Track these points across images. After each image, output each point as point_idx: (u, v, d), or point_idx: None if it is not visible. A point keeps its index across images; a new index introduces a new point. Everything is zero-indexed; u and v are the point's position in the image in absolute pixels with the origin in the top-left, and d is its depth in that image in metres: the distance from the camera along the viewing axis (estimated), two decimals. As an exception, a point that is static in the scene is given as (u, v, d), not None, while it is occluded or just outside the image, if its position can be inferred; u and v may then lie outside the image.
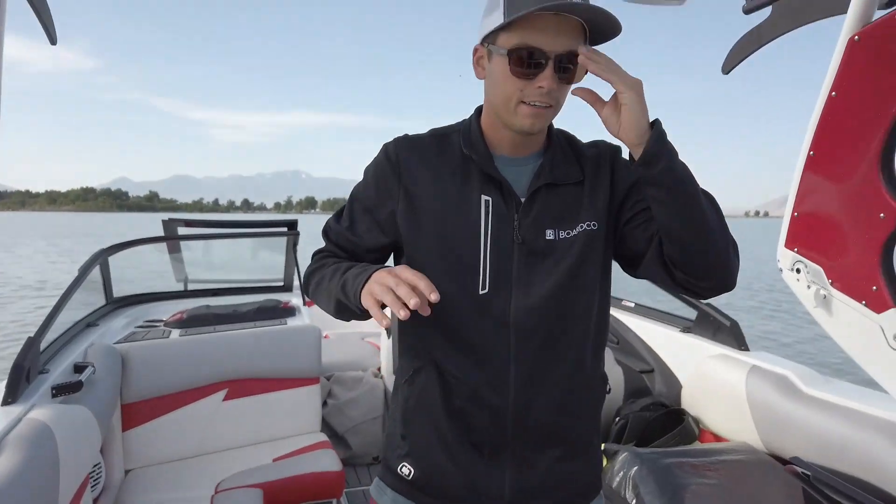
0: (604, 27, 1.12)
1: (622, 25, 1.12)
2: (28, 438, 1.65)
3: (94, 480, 2.24)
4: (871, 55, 1.77)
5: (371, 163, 1.34)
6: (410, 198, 1.26)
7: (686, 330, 2.74)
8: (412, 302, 0.97)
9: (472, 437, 1.26)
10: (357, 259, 1.32)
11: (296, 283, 4.06)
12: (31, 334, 2.07)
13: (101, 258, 3.01)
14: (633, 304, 3.22)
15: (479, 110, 1.31)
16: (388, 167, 1.29)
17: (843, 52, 1.83)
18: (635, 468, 1.95)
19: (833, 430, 1.87)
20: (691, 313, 2.75)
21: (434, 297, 0.98)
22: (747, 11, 2.16)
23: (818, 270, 2.04)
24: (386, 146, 1.32)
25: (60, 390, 2.02)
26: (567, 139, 1.33)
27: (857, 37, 1.80)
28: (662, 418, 2.46)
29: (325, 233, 1.38)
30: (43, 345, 2.19)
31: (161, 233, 3.82)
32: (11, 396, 1.88)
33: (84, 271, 2.67)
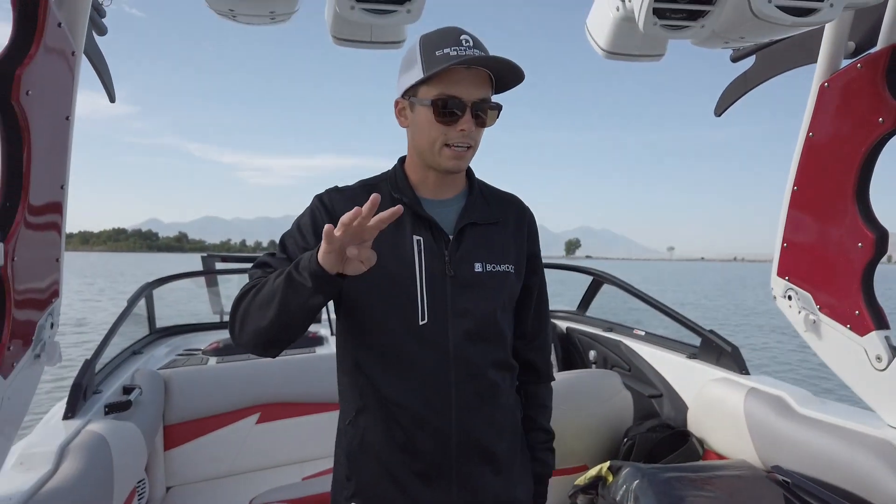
0: (508, 77, 1.30)
1: (524, 74, 1.29)
2: (87, 447, 1.86)
3: (140, 495, 2.44)
4: (840, 100, 1.95)
5: (305, 211, 1.42)
6: None
7: (692, 356, 2.88)
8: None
9: (417, 466, 1.34)
10: None
11: (323, 315, 4.27)
12: (87, 357, 2.31)
13: (146, 291, 3.26)
14: (643, 333, 3.36)
15: (401, 160, 1.46)
16: (324, 212, 1.38)
17: (816, 97, 2.02)
18: (636, 482, 2.09)
19: (823, 446, 1.99)
20: (696, 340, 2.90)
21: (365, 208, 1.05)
22: (734, 60, 2.36)
23: (807, 297, 2.18)
24: (319, 196, 1.42)
25: (112, 408, 2.23)
26: (483, 185, 1.49)
27: (826, 83, 1.98)
28: (668, 439, 2.59)
29: (252, 273, 1.38)
30: (97, 367, 2.43)
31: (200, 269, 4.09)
32: (71, 412, 2.10)
33: (132, 303, 2.93)
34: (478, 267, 1.36)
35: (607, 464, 2.27)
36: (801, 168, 2.14)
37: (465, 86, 1.26)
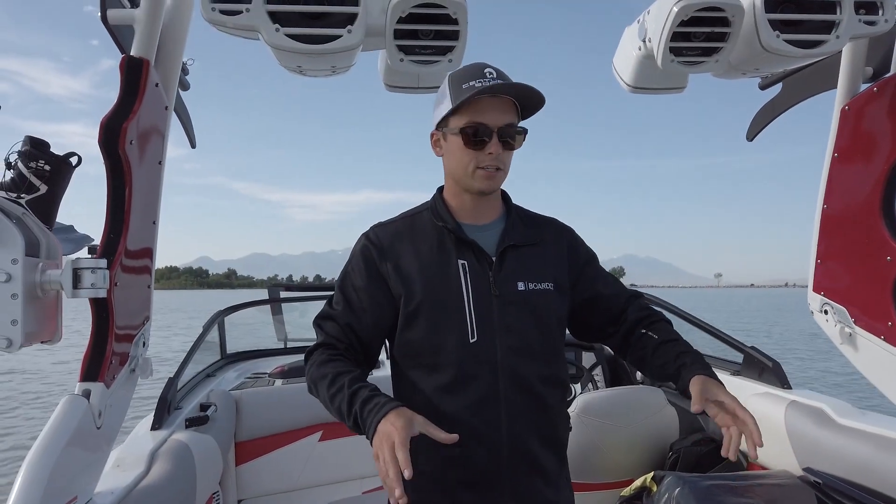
0: (531, 102, 1.44)
1: (544, 98, 1.42)
2: (174, 453, 2.08)
3: None
4: (860, 121, 2.07)
5: (355, 251, 1.52)
6: (398, 271, 1.45)
7: (735, 373, 2.95)
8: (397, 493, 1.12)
9: (469, 477, 1.41)
10: (354, 342, 1.47)
11: None
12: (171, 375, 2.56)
13: (219, 318, 3.54)
14: None
15: (440, 189, 1.57)
16: (374, 250, 1.48)
17: (838, 120, 2.13)
18: (678, 489, 2.18)
19: (860, 454, 2.05)
20: (738, 357, 2.96)
21: (407, 473, 1.13)
22: (763, 87, 2.50)
23: (843, 311, 2.26)
24: (366, 234, 1.52)
25: (192, 422, 2.45)
26: (521, 209, 1.60)
27: (847, 107, 2.10)
28: (713, 452, 2.66)
29: (319, 325, 1.50)
30: (178, 385, 2.68)
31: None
32: (158, 423, 2.34)
33: (207, 329, 3.19)
34: (520, 286, 1.46)
35: (651, 474, 2.37)
36: (828, 187, 2.24)
37: (490, 113, 1.38)
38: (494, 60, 1.47)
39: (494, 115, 1.39)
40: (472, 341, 1.41)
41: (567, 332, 1.63)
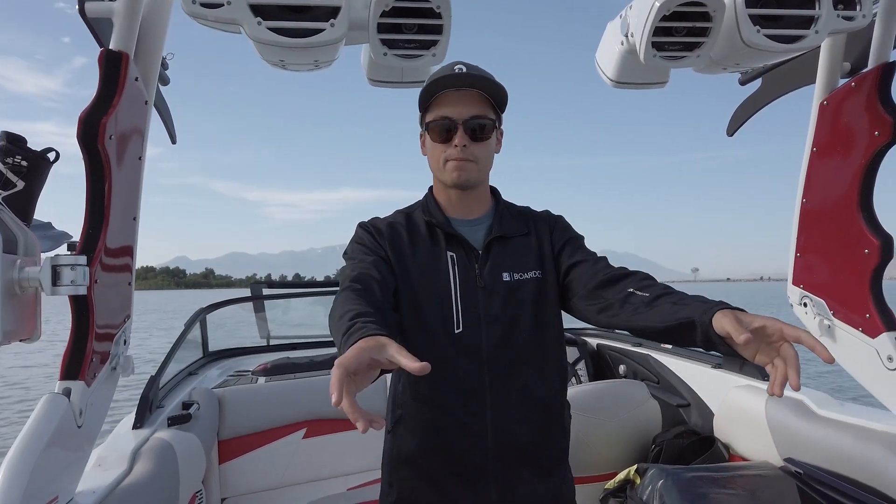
0: (497, 94, 1.46)
1: (506, 90, 1.44)
2: (156, 452, 2.06)
3: None
4: (838, 116, 2.10)
5: (357, 233, 1.56)
6: (395, 255, 1.49)
7: (717, 366, 2.99)
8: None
9: (456, 468, 1.43)
10: (375, 278, 1.39)
11: None
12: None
13: (200, 316, 3.51)
14: (670, 346, 3.47)
15: (431, 188, 1.62)
16: (373, 234, 1.53)
17: (817, 115, 2.16)
18: (661, 481, 2.21)
19: (839, 443, 2.09)
20: None
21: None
22: (743, 83, 2.52)
23: (821, 303, 2.29)
24: (362, 223, 1.57)
25: (174, 420, 2.44)
26: (509, 204, 1.62)
27: (825, 101, 2.13)
28: (695, 444, 2.69)
29: (340, 285, 1.41)
30: (160, 383, 2.65)
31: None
32: (139, 422, 2.32)
33: (188, 326, 3.16)
34: (506, 276, 1.49)
35: (635, 467, 2.39)
36: (807, 181, 2.27)
37: (455, 106, 1.43)
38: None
39: (459, 109, 1.43)
40: (457, 332, 1.44)
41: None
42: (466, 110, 1.43)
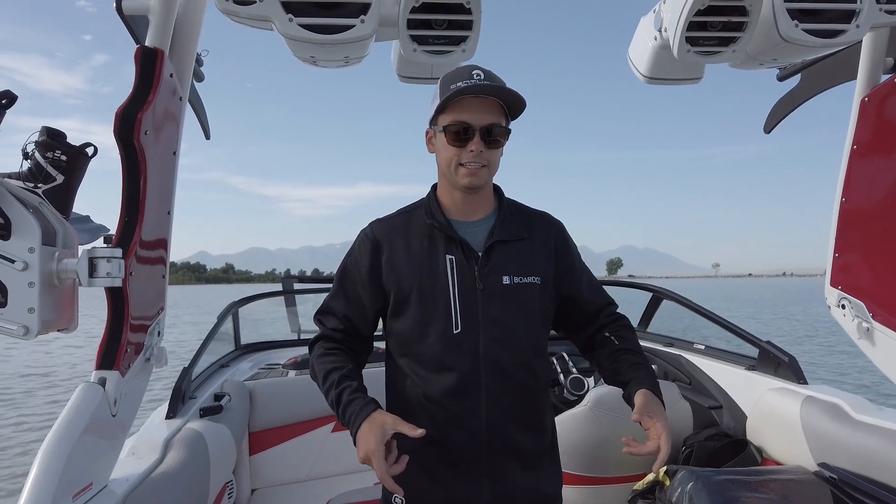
0: (515, 104, 1.49)
1: (526, 102, 1.47)
2: (188, 442, 2.10)
3: (229, 495, 2.67)
4: (881, 113, 2.03)
5: (353, 246, 1.64)
6: (391, 265, 1.55)
7: (751, 368, 2.93)
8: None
9: (450, 459, 1.51)
10: (352, 331, 1.60)
11: None
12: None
13: (233, 310, 3.56)
14: (703, 347, 3.41)
15: (434, 187, 1.64)
16: (370, 245, 1.59)
17: (858, 111, 2.10)
18: (691, 483, 2.17)
19: (875, 448, 2.03)
20: (754, 352, 2.94)
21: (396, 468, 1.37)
22: (781, 79, 2.46)
23: (860, 305, 2.23)
24: (364, 230, 1.63)
25: (206, 412, 2.48)
26: (513, 204, 1.65)
27: (867, 98, 2.07)
28: (727, 447, 2.64)
29: (319, 319, 1.65)
30: (192, 375, 2.70)
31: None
32: (172, 412, 2.36)
33: (221, 319, 3.21)
34: (506, 280, 1.53)
35: (664, 468, 2.36)
36: (847, 180, 2.21)
37: (474, 112, 1.45)
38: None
39: (478, 115, 1.45)
40: (455, 332, 1.50)
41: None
42: (485, 117, 1.46)
